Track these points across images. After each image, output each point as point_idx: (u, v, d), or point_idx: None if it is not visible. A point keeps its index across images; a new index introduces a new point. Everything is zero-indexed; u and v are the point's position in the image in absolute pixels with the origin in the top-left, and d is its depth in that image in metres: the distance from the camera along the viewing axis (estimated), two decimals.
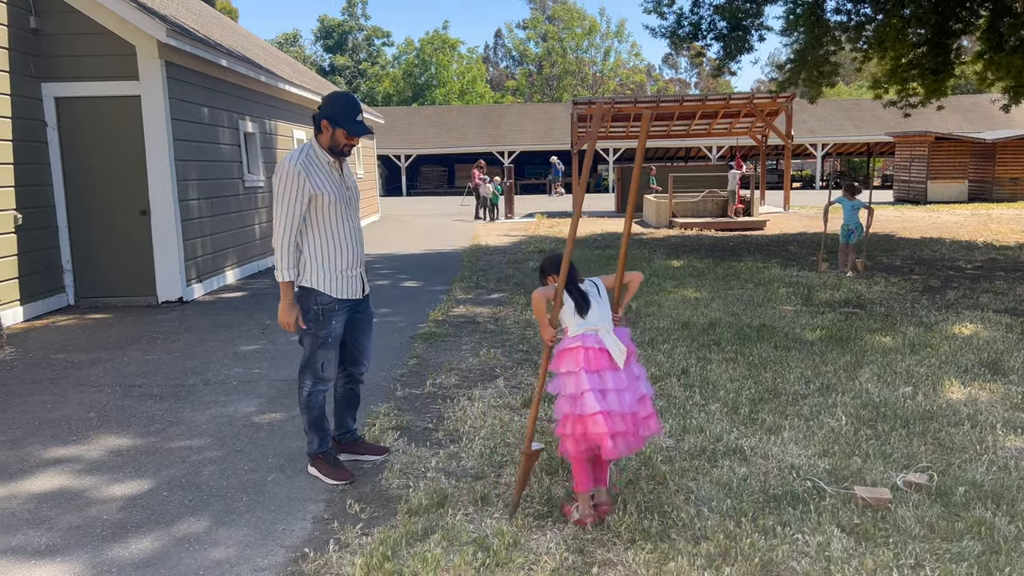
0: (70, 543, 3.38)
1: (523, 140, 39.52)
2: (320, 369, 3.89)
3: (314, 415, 3.95)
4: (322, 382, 3.93)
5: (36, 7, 8.45)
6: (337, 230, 3.82)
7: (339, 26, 64.20)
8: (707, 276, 10.14)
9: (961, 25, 13.56)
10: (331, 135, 3.74)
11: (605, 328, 3.34)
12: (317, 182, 3.71)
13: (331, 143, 3.76)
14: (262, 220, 12.20)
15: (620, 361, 3.28)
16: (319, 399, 3.95)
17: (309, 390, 3.92)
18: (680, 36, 14.63)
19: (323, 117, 3.72)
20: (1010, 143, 26.19)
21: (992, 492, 3.57)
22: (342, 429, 4.26)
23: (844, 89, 57.10)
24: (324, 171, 3.76)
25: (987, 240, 14.16)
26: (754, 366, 5.75)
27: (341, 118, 3.71)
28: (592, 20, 64.06)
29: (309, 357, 3.89)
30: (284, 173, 3.66)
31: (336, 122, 3.71)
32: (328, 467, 3.97)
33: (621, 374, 3.29)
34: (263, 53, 15.81)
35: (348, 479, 3.93)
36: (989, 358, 5.90)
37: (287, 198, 3.66)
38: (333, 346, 3.90)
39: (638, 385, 3.37)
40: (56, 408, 5.26)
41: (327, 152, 3.78)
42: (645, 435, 3.42)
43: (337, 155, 3.81)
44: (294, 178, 3.65)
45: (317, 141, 3.78)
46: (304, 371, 3.92)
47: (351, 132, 3.73)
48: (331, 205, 3.76)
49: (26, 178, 8.28)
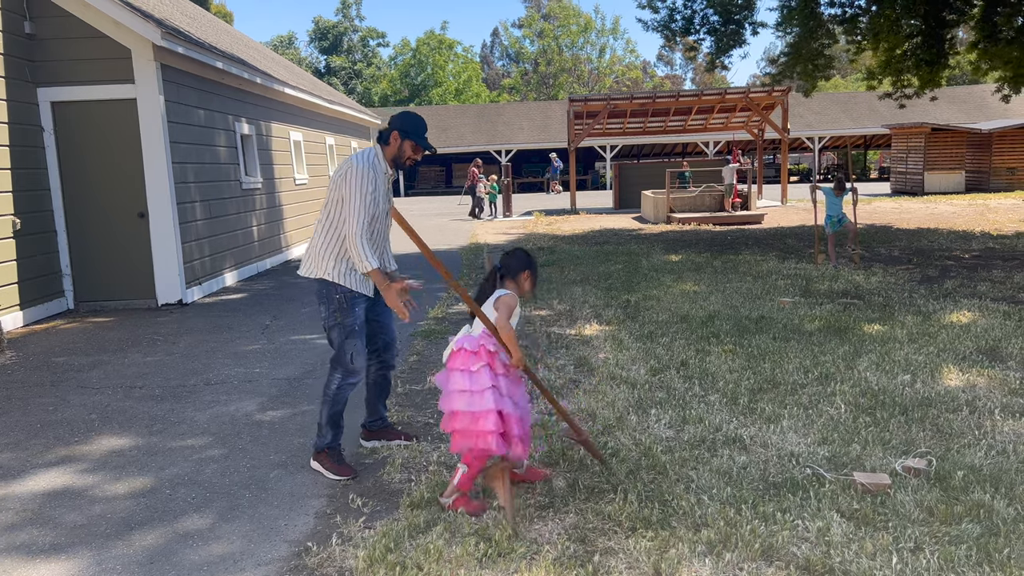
0: (74, 541, 3.39)
1: (520, 138, 39.53)
2: (350, 361, 3.97)
3: (336, 409, 4.04)
4: (352, 375, 4.00)
5: (31, 12, 8.46)
6: (374, 236, 3.99)
7: (334, 27, 64.21)
8: (705, 270, 10.16)
9: (955, 16, 13.57)
10: (399, 146, 3.94)
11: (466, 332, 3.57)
12: (379, 188, 3.92)
13: (397, 154, 3.96)
14: (260, 222, 12.22)
15: (444, 355, 3.53)
16: (346, 394, 4.04)
17: (339, 384, 4.01)
18: (672, 30, 14.63)
19: (395, 129, 3.94)
20: (1007, 133, 26.21)
21: (991, 476, 3.59)
22: (374, 416, 4.37)
23: (840, 82, 57.13)
24: (382, 179, 3.95)
25: (984, 229, 14.18)
26: (753, 357, 5.77)
27: (412, 131, 3.94)
28: (587, 18, 64.09)
29: (340, 349, 3.99)
30: (357, 171, 3.82)
31: (407, 134, 3.93)
32: (332, 463, 4.01)
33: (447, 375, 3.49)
34: (258, 55, 15.83)
35: (351, 475, 3.96)
36: (987, 345, 5.92)
37: (361, 193, 3.81)
38: (360, 335, 4.01)
39: (470, 391, 3.40)
40: (58, 410, 5.27)
41: (389, 162, 3.99)
42: (477, 447, 3.38)
43: (398, 167, 4.02)
44: (366, 175, 3.83)
45: (382, 151, 3.97)
46: (335, 364, 4.02)
47: (419, 144, 3.95)
48: (376, 216, 3.96)
49: (24, 183, 8.30)
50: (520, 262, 3.61)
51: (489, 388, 3.36)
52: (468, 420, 3.36)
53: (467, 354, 3.43)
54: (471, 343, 3.45)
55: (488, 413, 3.33)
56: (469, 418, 3.35)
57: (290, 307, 8.85)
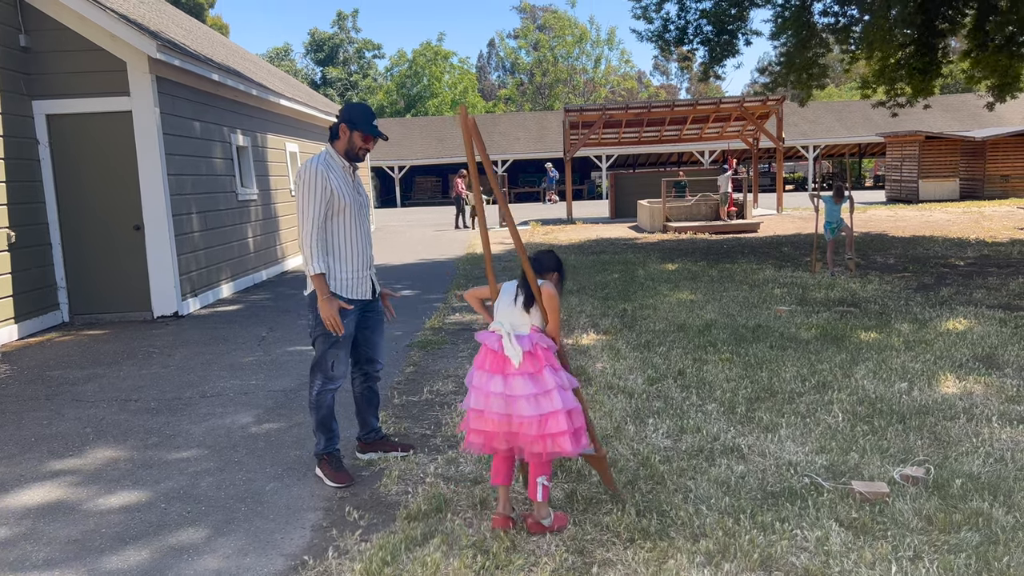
0: (67, 556, 3.36)
1: (516, 149, 39.60)
2: (330, 368, 3.99)
3: (322, 414, 4.05)
4: (331, 381, 4.03)
5: (26, 25, 8.47)
6: (349, 233, 3.98)
7: (330, 39, 64.36)
8: (702, 279, 10.16)
9: (947, 24, 13.65)
10: (348, 138, 3.96)
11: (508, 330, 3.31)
12: (336, 184, 3.90)
13: (348, 146, 3.98)
14: (256, 233, 12.20)
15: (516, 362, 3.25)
16: (328, 399, 4.05)
17: (319, 390, 4.03)
18: (667, 40, 14.69)
19: (342, 122, 3.97)
20: (1000, 140, 26.32)
21: (989, 484, 3.58)
22: (366, 428, 4.37)
23: (834, 91, 57.37)
24: (340, 175, 3.96)
25: (979, 237, 14.21)
26: (750, 366, 5.77)
27: (359, 121, 3.95)
28: (583, 28, 64.32)
29: (320, 356, 4.00)
30: (308, 173, 3.84)
31: (354, 124, 3.94)
32: (330, 469, 4.03)
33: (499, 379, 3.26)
34: (254, 67, 15.85)
35: (347, 482, 3.96)
36: (984, 352, 5.92)
37: (311, 196, 3.83)
38: (344, 345, 4.01)
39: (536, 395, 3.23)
40: (52, 424, 5.25)
41: (343, 157, 4.00)
42: (547, 451, 3.24)
43: (352, 159, 4.02)
44: (317, 177, 3.83)
45: (334, 147, 4.00)
46: (315, 370, 4.04)
47: (367, 132, 3.95)
48: (345, 208, 3.94)
49: (18, 196, 8.28)
50: (550, 262, 3.58)
51: (555, 388, 3.26)
52: (536, 425, 3.21)
53: (527, 356, 3.27)
54: (525, 343, 3.29)
55: (557, 414, 3.22)
56: (537, 422, 3.21)
57: (286, 319, 8.82)
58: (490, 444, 3.34)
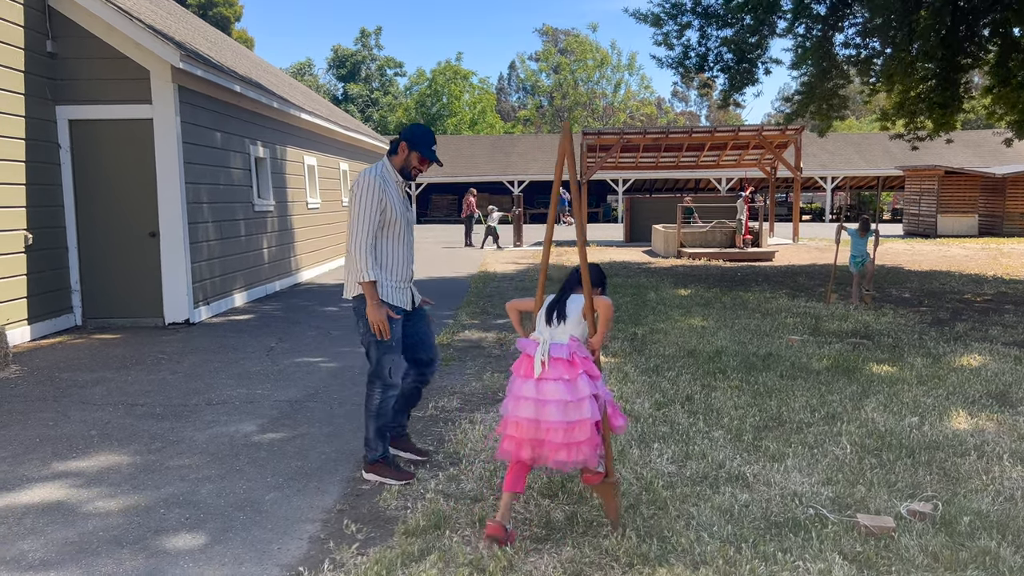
0: (64, 557, 3.35)
1: (533, 170, 39.75)
2: (388, 375, 4.09)
3: (382, 422, 4.15)
4: (392, 388, 4.13)
5: (53, 32, 8.60)
6: (395, 244, 4.12)
7: (352, 56, 65.04)
8: (714, 305, 10.11)
9: (969, 60, 13.61)
10: (406, 156, 4.12)
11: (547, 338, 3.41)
12: (391, 196, 4.05)
13: (404, 163, 4.14)
14: (271, 244, 12.27)
15: (536, 370, 3.31)
16: (389, 406, 4.15)
17: (380, 398, 4.12)
18: (687, 67, 14.73)
19: (403, 139, 4.13)
20: (1020, 177, 26.13)
21: (997, 522, 3.51)
22: (394, 423, 4.42)
23: (854, 123, 57.30)
24: (395, 189, 4.11)
25: (997, 274, 14.08)
26: (759, 394, 5.71)
27: (419, 143, 4.11)
28: (604, 53, 64.65)
29: (377, 364, 4.09)
30: (366, 183, 3.98)
31: (414, 145, 4.11)
32: (392, 471, 4.15)
33: (532, 383, 3.30)
34: (276, 80, 16.02)
35: (411, 478, 4.12)
36: (997, 389, 5.84)
37: (368, 204, 3.96)
38: (398, 350, 4.12)
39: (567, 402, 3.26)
40: (58, 425, 5.26)
41: (398, 172, 4.15)
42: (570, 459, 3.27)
43: (406, 176, 4.17)
44: (374, 188, 3.97)
45: (391, 162, 4.15)
46: (373, 380, 4.13)
47: (424, 155, 4.11)
48: (396, 221, 4.09)
49: (38, 199, 8.38)
50: (594, 277, 3.63)
51: (588, 398, 3.30)
52: (563, 432, 3.24)
53: (563, 363, 3.32)
54: (562, 351, 3.34)
55: (585, 423, 3.26)
56: (564, 429, 3.24)
57: (296, 330, 8.84)
58: (517, 453, 3.36)
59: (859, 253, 10.27)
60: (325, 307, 10.63)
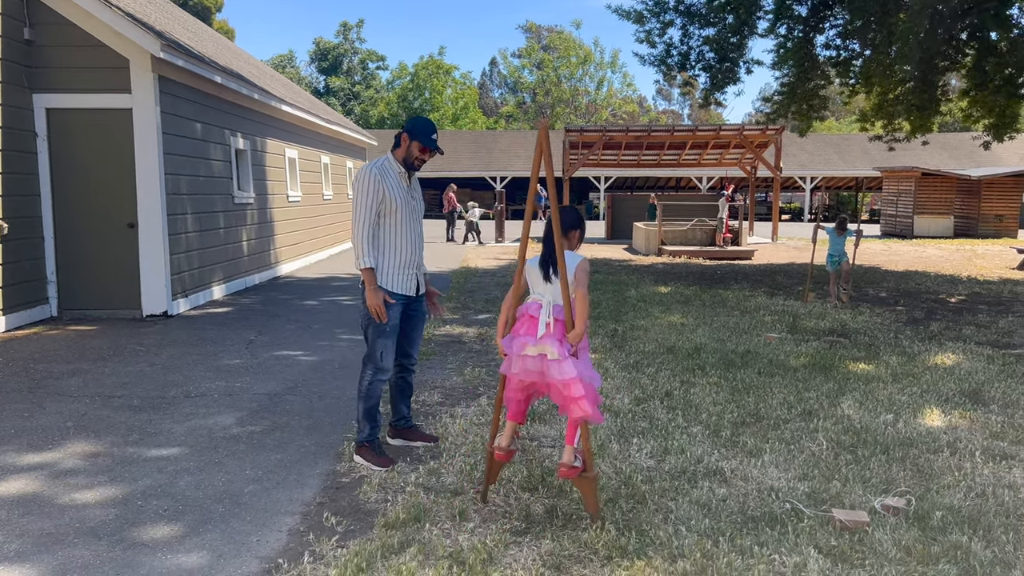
0: (40, 549, 3.32)
1: (516, 166, 39.72)
2: (380, 359, 4.27)
3: (371, 404, 4.33)
4: (382, 372, 4.31)
5: (31, 18, 8.48)
6: (399, 232, 4.27)
7: (334, 49, 64.67)
8: (694, 303, 10.17)
9: (947, 63, 13.77)
10: (407, 147, 4.27)
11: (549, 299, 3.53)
12: (389, 187, 4.21)
13: (406, 155, 4.29)
14: (251, 237, 12.19)
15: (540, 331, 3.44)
16: (378, 389, 4.33)
17: (370, 380, 4.30)
18: (669, 65, 14.80)
19: (404, 131, 4.28)
20: (996, 180, 26.52)
21: (969, 517, 3.58)
22: (397, 416, 4.69)
23: (834, 124, 57.82)
24: (395, 180, 4.27)
25: (971, 274, 14.28)
26: (737, 391, 5.76)
27: (419, 133, 4.25)
28: (587, 50, 64.76)
29: (371, 347, 4.28)
30: (364, 177, 4.18)
31: (414, 136, 4.25)
32: (373, 455, 4.30)
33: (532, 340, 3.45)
34: (257, 72, 15.89)
35: (390, 465, 4.24)
36: (970, 388, 5.93)
37: (364, 197, 4.16)
38: (391, 335, 4.29)
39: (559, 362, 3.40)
40: (33, 417, 5.20)
41: (401, 164, 4.30)
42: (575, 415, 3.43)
43: (409, 168, 4.31)
44: (372, 181, 4.16)
45: (394, 155, 4.32)
46: (367, 362, 4.32)
47: (424, 144, 4.25)
48: (397, 211, 4.25)
49: (13, 188, 8.26)
50: (572, 219, 3.71)
51: (584, 349, 3.51)
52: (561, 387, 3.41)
53: (564, 325, 3.48)
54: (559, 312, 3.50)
55: (576, 381, 3.38)
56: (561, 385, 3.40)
57: (276, 323, 8.80)
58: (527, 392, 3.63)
59: (836, 252, 10.39)
60: (305, 301, 10.59)
